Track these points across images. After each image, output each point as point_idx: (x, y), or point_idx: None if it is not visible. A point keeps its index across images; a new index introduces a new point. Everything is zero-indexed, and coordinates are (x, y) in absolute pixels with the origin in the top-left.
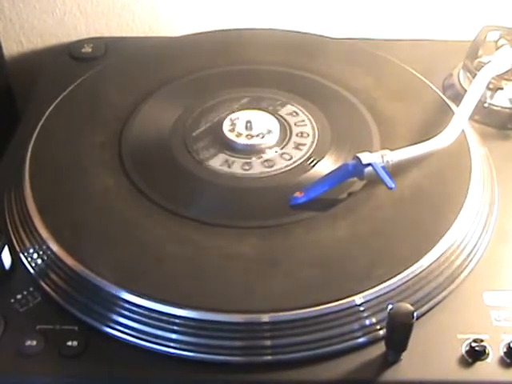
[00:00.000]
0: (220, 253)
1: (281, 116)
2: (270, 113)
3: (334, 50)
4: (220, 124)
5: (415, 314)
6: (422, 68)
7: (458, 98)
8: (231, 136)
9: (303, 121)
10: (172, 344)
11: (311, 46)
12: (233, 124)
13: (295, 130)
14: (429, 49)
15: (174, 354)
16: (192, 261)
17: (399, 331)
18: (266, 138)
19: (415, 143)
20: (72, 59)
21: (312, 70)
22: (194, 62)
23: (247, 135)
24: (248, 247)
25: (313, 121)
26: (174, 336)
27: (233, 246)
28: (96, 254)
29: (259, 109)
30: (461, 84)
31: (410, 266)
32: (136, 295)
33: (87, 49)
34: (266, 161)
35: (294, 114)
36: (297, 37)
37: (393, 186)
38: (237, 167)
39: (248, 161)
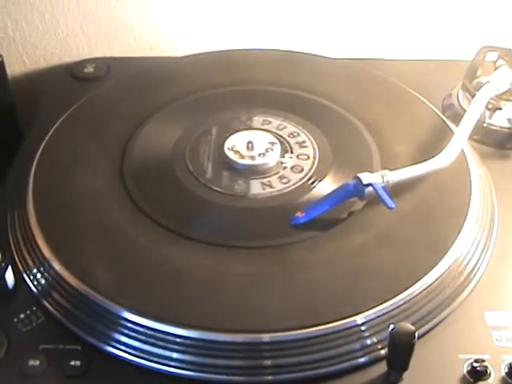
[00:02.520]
0: (221, 273)
1: (282, 136)
2: (271, 133)
3: (335, 71)
4: (221, 144)
5: (417, 334)
6: (422, 88)
7: (457, 117)
8: (232, 156)
9: (304, 141)
10: (173, 363)
11: (311, 66)
12: (234, 144)
13: (296, 150)
14: (428, 69)
15: (175, 373)
16: (193, 281)
17: (401, 351)
18: (267, 159)
19: (415, 163)
20: (74, 79)
21: (313, 91)
22: (195, 82)
23: (248, 156)
24: (249, 267)
25: (313, 141)
26: (175, 355)
27: (234, 266)
28: (99, 274)
29: (260, 129)
30: (460, 104)
31: (411, 285)
32: (138, 315)
33: (89, 69)
34: (267, 181)
35: (295, 134)
36: (298, 57)
37: (393, 205)
38: (238, 187)
39: (249, 181)
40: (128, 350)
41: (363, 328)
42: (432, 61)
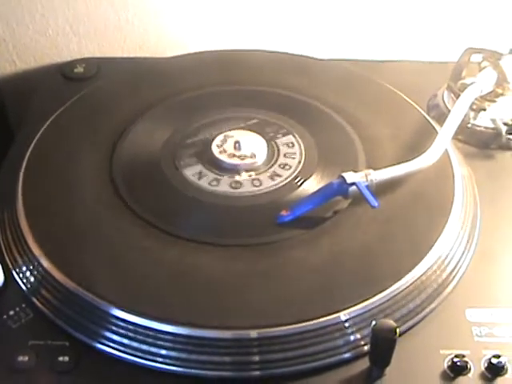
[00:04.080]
0: (208, 270)
1: (269, 136)
2: (258, 133)
3: (321, 71)
4: (209, 144)
5: (398, 330)
6: (407, 89)
7: (442, 118)
8: (220, 156)
9: (291, 141)
10: (161, 359)
11: (299, 67)
12: (222, 144)
13: (283, 149)
14: (414, 70)
15: (163, 369)
16: (181, 277)
17: (383, 347)
18: (253, 158)
19: (399, 162)
20: (65, 79)
21: (299, 91)
22: (185, 82)
23: (235, 155)
24: (235, 264)
25: (300, 141)
26: (163, 352)
27: (221, 264)
28: (87, 271)
29: (247, 129)
30: (445, 104)
31: (394, 283)
32: (126, 311)
33: (79, 69)
34: (254, 180)
35: (282, 134)
36: (285, 58)
37: (376, 204)
38: (225, 186)
39: (236, 180)
40: (116, 346)
41: (347, 324)
42: (418, 62)
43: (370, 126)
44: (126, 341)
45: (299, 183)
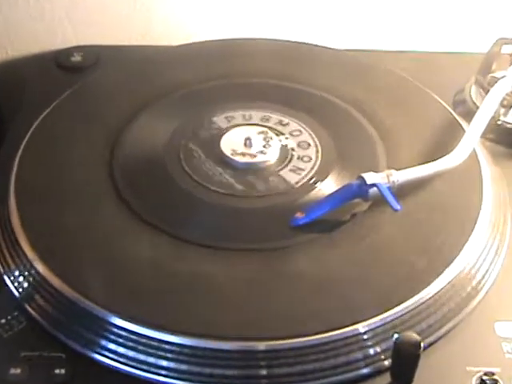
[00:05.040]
0: (215, 277)
1: (282, 133)
2: (270, 129)
3: (336, 63)
4: (218, 141)
5: (422, 344)
6: (431, 82)
7: (469, 114)
8: (229, 154)
9: (306, 139)
10: (163, 372)
11: (314, 58)
12: (231, 141)
13: (297, 148)
14: (438, 62)
15: (165, 382)
16: (185, 285)
17: (405, 362)
18: (266, 156)
19: (423, 163)
20: (60, 68)
21: (315, 85)
22: (191, 73)
23: (246, 153)
24: (245, 271)
25: (316, 138)
26: (165, 363)
27: (229, 270)
28: (84, 277)
29: (259, 125)
30: (472, 100)
31: (417, 292)
32: (126, 320)
33: (77, 57)
34: (267, 180)
35: (297, 131)
36: (299, 48)
37: (398, 207)
38: (235, 186)
39: (247, 180)
40: (116, 357)
41: (366, 337)
42: (443, 53)
43: (391, 122)
44: (125, 351)
45: (315, 184)
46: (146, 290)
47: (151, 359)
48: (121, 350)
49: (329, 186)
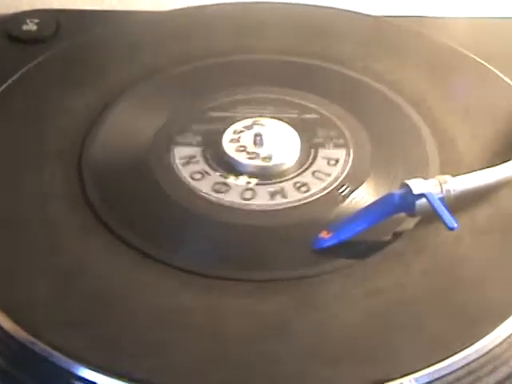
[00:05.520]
0: (217, 315)
1: (301, 127)
2: (286, 122)
3: (374, 33)
4: (219, 136)
5: None
6: (495, 58)
7: None
8: (235, 155)
9: (333, 133)
10: None
11: (342, 26)
12: (237, 137)
13: (322, 146)
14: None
15: None
16: (179, 327)
17: None
18: (281, 158)
19: (487, 167)
20: (10, 40)
21: (343, 62)
22: (184, 47)
23: (257, 154)
24: (254, 308)
25: (346, 133)
26: None
27: (234, 307)
28: (46, 318)
29: (273, 116)
30: None
31: (474, 342)
32: (103, 373)
33: (31, 26)
34: (282, 188)
35: (320, 122)
36: (323, 14)
37: (455, 225)
38: (240, 197)
39: (257, 188)
40: None
41: None
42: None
43: (445, 111)
44: None
45: (345, 194)
46: (128, 335)
47: None
48: None
49: (363, 196)
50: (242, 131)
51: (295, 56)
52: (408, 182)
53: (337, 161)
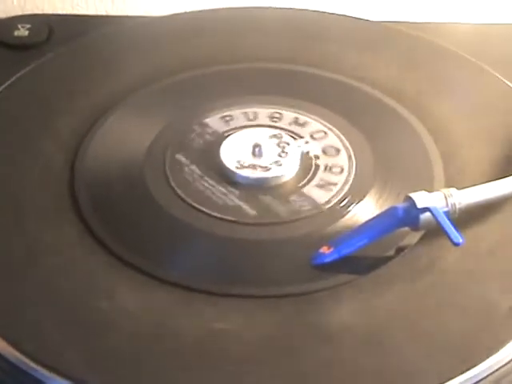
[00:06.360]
0: (212, 334)
1: (301, 136)
2: (285, 132)
3: (375, 39)
4: (217, 147)
5: None
6: (504, 67)
7: None
8: (234, 167)
9: (333, 142)
10: None
11: (341, 32)
12: (234, 148)
13: (323, 157)
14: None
15: None
16: (175, 347)
17: None
18: (280, 169)
19: (495, 179)
20: (1, 46)
21: (343, 69)
22: (180, 55)
23: (256, 165)
24: (254, 326)
25: (347, 144)
26: None
27: (233, 325)
28: (43, 340)
29: (269, 126)
30: None
31: (484, 358)
32: None
33: (22, 31)
34: (281, 201)
35: (320, 132)
36: (321, 19)
37: (460, 240)
38: (238, 210)
39: (254, 201)
40: None
41: None
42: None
43: (450, 120)
44: None
45: (347, 207)
46: (119, 353)
47: None
48: None
49: (365, 209)
50: (239, 141)
51: (288, 64)
52: (412, 195)
53: (340, 171)
